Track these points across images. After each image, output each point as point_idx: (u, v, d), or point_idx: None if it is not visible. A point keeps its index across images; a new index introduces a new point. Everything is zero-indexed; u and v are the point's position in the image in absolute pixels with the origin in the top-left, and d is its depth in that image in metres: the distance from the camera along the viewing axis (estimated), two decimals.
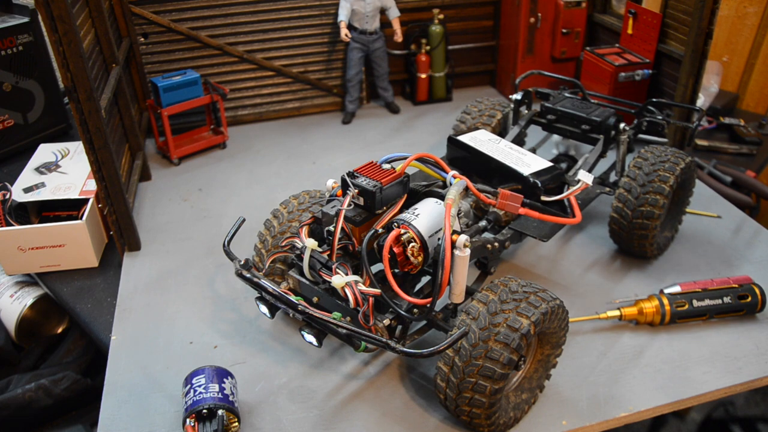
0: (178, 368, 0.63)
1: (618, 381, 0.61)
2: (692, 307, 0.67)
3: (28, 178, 0.86)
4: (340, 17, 1.05)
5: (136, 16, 1.01)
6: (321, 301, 0.57)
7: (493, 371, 0.48)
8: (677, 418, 1.00)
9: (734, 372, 0.62)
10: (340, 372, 0.62)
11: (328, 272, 0.53)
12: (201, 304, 0.72)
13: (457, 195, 0.51)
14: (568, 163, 0.85)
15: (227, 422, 0.53)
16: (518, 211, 0.55)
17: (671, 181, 0.70)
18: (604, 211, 0.82)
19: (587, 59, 1.06)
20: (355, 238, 0.54)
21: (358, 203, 0.54)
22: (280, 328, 0.68)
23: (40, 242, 0.77)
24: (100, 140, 0.71)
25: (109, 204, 0.75)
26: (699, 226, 0.84)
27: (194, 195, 0.93)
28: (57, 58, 0.66)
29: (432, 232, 0.53)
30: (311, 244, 0.54)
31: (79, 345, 0.83)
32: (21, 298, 0.82)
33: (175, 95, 0.97)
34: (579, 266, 0.77)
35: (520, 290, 0.52)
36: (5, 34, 1.01)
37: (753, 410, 0.98)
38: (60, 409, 0.75)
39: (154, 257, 0.80)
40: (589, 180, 0.57)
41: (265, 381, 0.61)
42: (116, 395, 0.60)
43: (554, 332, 0.55)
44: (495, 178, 0.69)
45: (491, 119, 0.87)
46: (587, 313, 0.68)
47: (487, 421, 0.52)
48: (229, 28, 1.07)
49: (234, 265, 0.58)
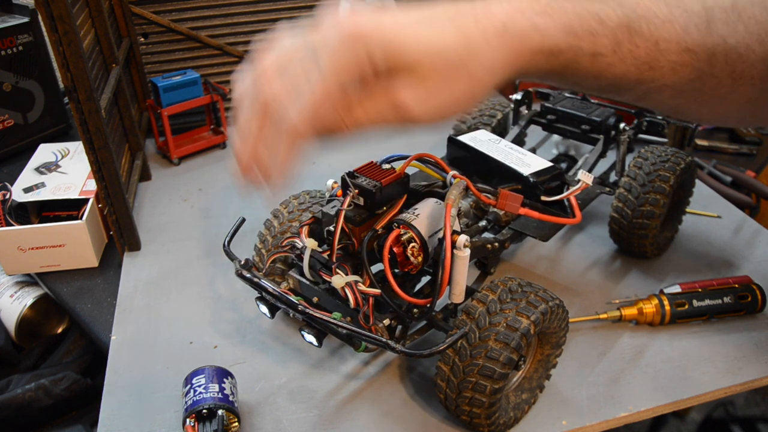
0: (178, 368, 0.63)
1: (618, 381, 0.61)
2: (692, 307, 0.67)
3: (28, 178, 0.86)
4: None
5: (136, 16, 1.01)
6: (321, 301, 0.57)
7: (493, 371, 0.48)
8: (677, 418, 1.00)
9: (734, 372, 0.62)
10: (340, 372, 0.62)
11: (328, 272, 0.53)
12: (201, 304, 0.72)
13: (457, 195, 0.51)
14: (568, 163, 0.85)
15: (227, 422, 0.53)
16: (518, 211, 0.54)
17: (672, 181, 0.70)
18: (604, 211, 0.82)
19: None
20: (355, 238, 0.54)
21: (358, 203, 0.54)
22: (280, 328, 0.68)
23: (40, 242, 0.77)
24: (100, 140, 0.71)
25: (109, 204, 0.75)
26: (699, 226, 0.84)
27: (194, 195, 0.93)
28: (57, 58, 0.66)
29: (432, 232, 0.53)
30: (311, 244, 0.54)
31: (79, 345, 0.83)
32: (21, 298, 0.82)
33: (175, 95, 0.97)
34: (579, 266, 0.77)
35: (520, 290, 0.52)
36: (5, 34, 1.01)
37: (753, 410, 0.98)
38: (60, 409, 0.75)
39: (154, 257, 0.80)
40: (590, 180, 0.57)
41: (265, 381, 0.61)
42: (116, 395, 0.60)
43: (554, 332, 0.55)
44: (495, 178, 0.69)
45: (491, 119, 0.87)
46: (587, 313, 0.68)
47: (487, 421, 0.52)
48: (229, 28, 1.07)
49: (234, 265, 0.58)
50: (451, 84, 0.42)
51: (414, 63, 0.41)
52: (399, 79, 0.41)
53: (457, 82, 0.42)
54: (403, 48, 0.40)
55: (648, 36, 0.46)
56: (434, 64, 0.41)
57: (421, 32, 0.41)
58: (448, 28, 0.41)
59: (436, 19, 0.42)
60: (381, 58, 0.40)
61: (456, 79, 0.42)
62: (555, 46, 0.44)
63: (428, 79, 0.41)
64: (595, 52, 0.45)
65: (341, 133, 0.44)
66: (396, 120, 0.43)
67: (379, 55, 0.40)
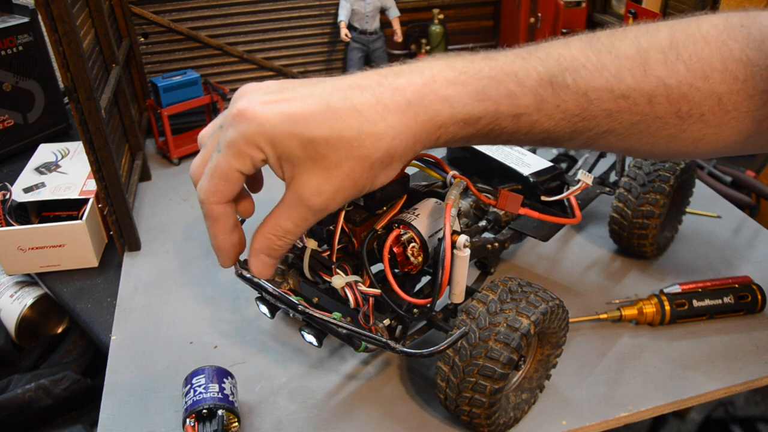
0: (178, 368, 0.63)
1: (618, 381, 0.61)
2: (692, 307, 0.67)
3: (28, 178, 0.86)
4: (340, 17, 1.05)
5: (136, 16, 1.01)
6: (321, 302, 0.57)
7: (493, 371, 0.48)
8: (677, 418, 1.00)
9: (734, 372, 0.62)
10: (340, 372, 0.62)
11: (328, 272, 0.53)
12: (201, 304, 0.72)
13: (457, 195, 0.51)
14: (568, 163, 0.85)
15: (227, 422, 0.53)
16: (518, 211, 0.54)
17: (671, 181, 0.70)
18: (604, 211, 0.82)
19: None
20: (355, 238, 0.54)
21: (358, 203, 0.54)
22: (280, 329, 0.68)
23: (40, 242, 0.77)
24: (100, 140, 0.71)
25: (109, 204, 0.75)
26: (699, 226, 0.84)
27: (194, 195, 0.92)
28: (57, 58, 0.66)
29: (432, 232, 0.53)
30: (312, 244, 0.54)
31: (79, 345, 0.83)
32: (21, 298, 0.82)
33: (175, 95, 0.97)
34: (579, 266, 0.77)
35: (520, 290, 0.52)
36: (5, 34, 1.01)
37: (753, 410, 0.98)
38: (60, 409, 0.75)
39: (154, 257, 0.80)
40: (589, 180, 0.57)
41: (265, 381, 0.61)
42: (116, 395, 0.60)
43: (554, 332, 0.55)
44: (495, 178, 0.69)
45: None
46: (587, 313, 0.68)
47: (487, 421, 0.52)
48: (229, 28, 1.07)
49: (235, 264, 0.58)
50: (347, 166, 0.40)
51: (302, 147, 0.40)
52: (296, 171, 0.41)
53: (355, 164, 0.40)
54: (288, 134, 0.39)
55: (575, 89, 0.43)
56: (327, 148, 0.39)
57: (315, 115, 0.39)
58: (344, 106, 0.40)
59: (336, 95, 0.40)
60: (268, 146, 0.40)
61: (353, 160, 0.40)
62: (469, 115, 0.42)
63: (323, 164, 0.40)
64: (517, 113, 0.43)
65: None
66: (312, 214, 0.43)
67: (265, 144, 0.40)
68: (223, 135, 0.41)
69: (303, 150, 0.40)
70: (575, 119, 0.45)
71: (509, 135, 0.45)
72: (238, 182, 0.43)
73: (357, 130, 0.39)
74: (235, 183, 0.43)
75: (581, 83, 0.44)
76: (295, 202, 0.42)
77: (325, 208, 0.43)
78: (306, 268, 0.55)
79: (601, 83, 0.44)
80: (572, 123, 0.45)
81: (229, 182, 0.42)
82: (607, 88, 0.44)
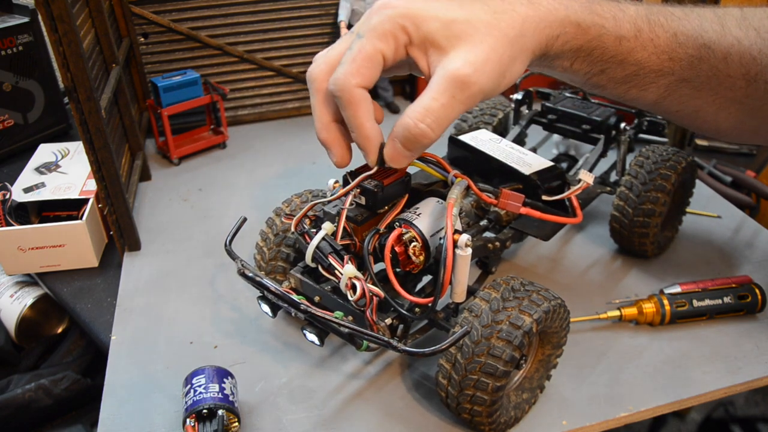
0: (178, 368, 0.63)
1: (618, 381, 0.61)
2: (692, 307, 0.67)
3: (28, 178, 0.86)
4: (340, 17, 1.05)
5: (136, 16, 1.01)
6: (323, 301, 0.57)
7: (496, 368, 0.48)
8: (677, 418, 1.00)
9: (734, 372, 0.62)
10: (341, 371, 0.62)
11: (339, 260, 0.52)
12: (201, 304, 0.72)
13: (458, 194, 0.51)
14: (568, 162, 0.85)
15: (227, 422, 0.53)
16: (519, 211, 0.54)
17: (673, 180, 0.70)
18: (605, 210, 0.82)
19: None
20: (357, 238, 0.54)
21: (359, 202, 0.54)
22: (281, 328, 0.68)
23: (40, 242, 0.77)
24: (100, 140, 0.71)
25: (109, 204, 0.75)
26: (699, 226, 0.84)
27: (194, 195, 0.93)
28: (57, 58, 0.66)
29: (434, 231, 0.53)
30: (328, 228, 0.54)
31: (79, 345, 0.83)
32: (21, 298, 0.82)
33: (175, 95, 0.97)
34: (579, 266, 0.77)
35: (522, 289, 0.52)
36: (5, 34, 1.01)
37: (753, 410, 0.99)
38: (60, 409, 0.75)
39: (154, 257, 0.80)
40: (590, 179, 0.57)
41: (265, 381, 0.61)
42: (116, 395, 0.60)
43: (555, 332, 0.55)
44: (496, 177, 0.69)
45: (492, 119, 0.87)
46: (587, 313, 0.68)
47: (488, 419, 0.52)
48: (229, 28, 1.07)
49: (236, 264, 0.58)
50: (490, 41, 0.43)
51: (445, 26, 0.43)
52: (442, 53, 0.43)
53: (496, 41, 0.43)
54: (431, 16, 0.43)
55: (667, 27, 0.50)
56: (469, 27, 0.43)
57: (452, 3, 0.44)
58: (475, 4, 0.44)
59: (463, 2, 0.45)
60: (412, 25, 0.43)
61: (493, 37, 0.43)
62: (581, 20, 0.47)
63: (467, 41, 0.43)
64: (619, 35, 0.48)
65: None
66: (461, 92, 0.43)
67: (410, 24, 0.43)
68: (366, 23, 0.44)
69: (446, 29, 0.43)
70: (663, 57, 0.50)
71: (609, 59, 0.50)
72: (379, 66, 0.44)
73: (491, 12, 0.44)
74: (377, 66, 0.44)
75: (672, 24, 0.50)
76: (442, 80, 0.43)
77: (475, 82, 0.43)
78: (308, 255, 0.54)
79: (688, 29, 0.50)
80: (660, 60, 0.51)
81: (372, 64, 0.43)
82: (693, 36, 0.50)
